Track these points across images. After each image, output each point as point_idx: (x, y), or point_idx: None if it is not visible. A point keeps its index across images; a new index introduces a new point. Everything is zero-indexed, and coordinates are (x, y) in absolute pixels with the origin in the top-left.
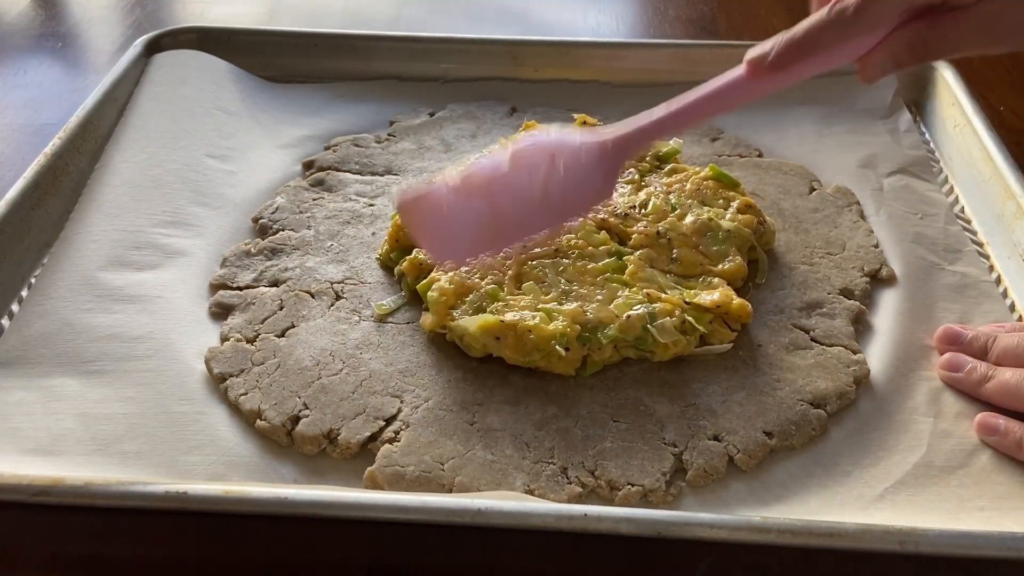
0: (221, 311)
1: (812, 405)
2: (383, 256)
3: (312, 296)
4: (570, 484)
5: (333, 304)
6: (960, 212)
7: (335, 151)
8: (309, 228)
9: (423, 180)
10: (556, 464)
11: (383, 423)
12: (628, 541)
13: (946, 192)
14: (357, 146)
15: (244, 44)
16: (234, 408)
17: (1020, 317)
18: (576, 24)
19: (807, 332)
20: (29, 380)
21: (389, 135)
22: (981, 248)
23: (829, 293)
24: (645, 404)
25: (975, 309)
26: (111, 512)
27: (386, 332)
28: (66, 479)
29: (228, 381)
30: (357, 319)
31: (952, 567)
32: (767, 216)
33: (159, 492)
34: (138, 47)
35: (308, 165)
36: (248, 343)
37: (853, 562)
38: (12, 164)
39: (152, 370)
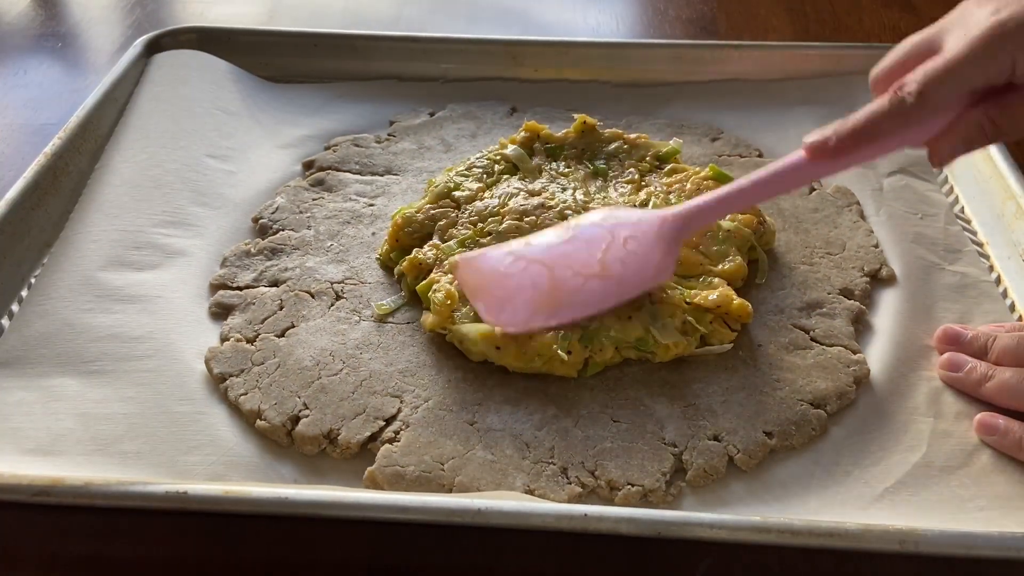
0: (221, 311)
1: (812, 405)
2: (383, 256)
3: (312, 296)
4: (570, 484)
5: (333, 304)
6: (960, 212)
7: (335, 151)
8: (309, 228)
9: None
10: (556, 464)
11: (383, 423)
12: (628, 541)
13: (946, 192)
14: (357, 146)
15: (244, 44)
16: (234, 408)
17: (1020, 317)
18: (576, 24)
19: (807, 332)
20: (29, 380)
21: (389, 135)
22: (981, 248)
23: (829, 293)
24: (645, 404)
25: (975, 309)
26: (111, 512)
27: (386, 332)
28: (66, 479)
29: (228, 381)
30: (357, 319)
31: (952, 567)
32: (767, 216)
33: (159, 492)
34: (138, 47)
35: (308, 165)
36: (248, 343)
37: (853, 562)
38: (12, 164)
39: (152, 370)
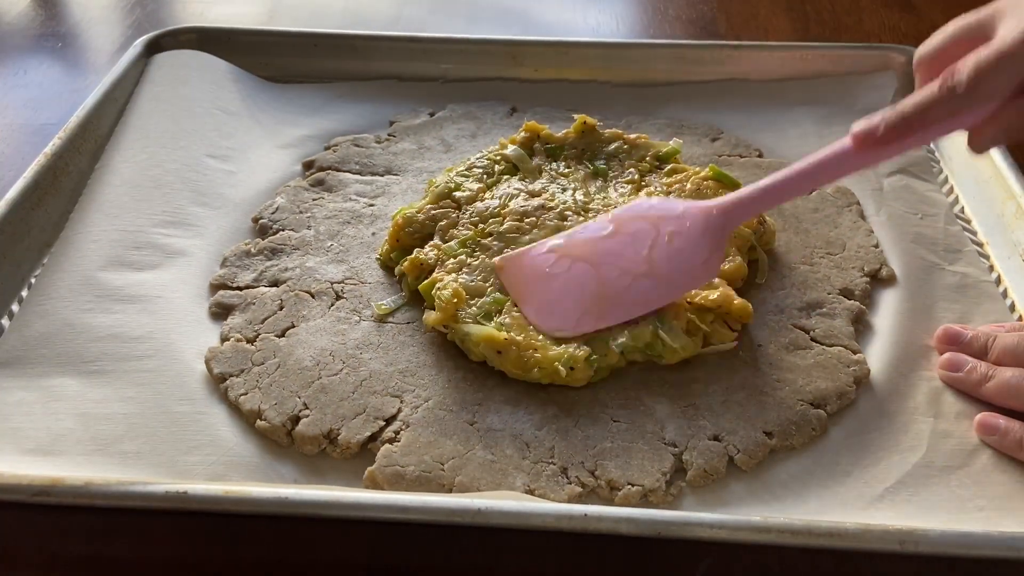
0: (221, 311)
1: (812, 405)
2: (383, 256)
3: (312, 296)
4: (570, 484)
5: (333, 304)
6: (960, 212)
7: (335, 151)
8: (309, 228)
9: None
10: (556, 464)
11: (383, 423)
12: (628, 541)
13: (946, 192)
14: (357, 146)
15: (244, 44)
16: (234, 408)
17: (1020, 317)
18: (576, 24)
19: (807, 332)
20: (29, 380)
21: (389, 135)
22: (981, 248)
23: (829, 293)
24: (645, 404)
25: (975, 309)
26: (111, 512)
27: (386, 332)
28: (66, 479)
29: (228, 381)
30: (357, 319)
31: (952, 567)
32: (767, 216)
33: (159, 492)
34: (138, 47)
35: (308, 165)
36: (248, 343)
37: (853, 562)
38: (12, 164)
39: (152, 370)
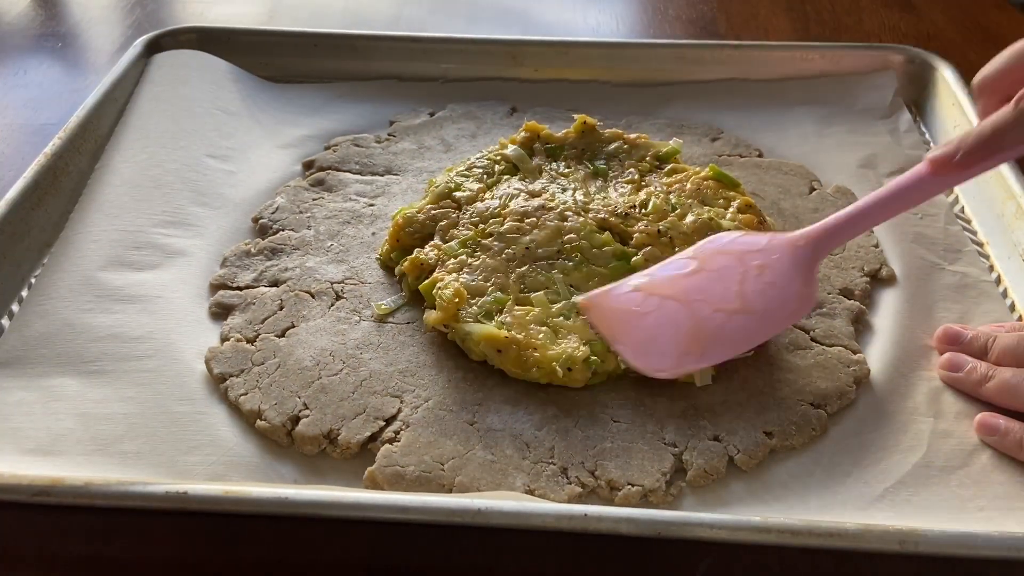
0: (221, 311)
1: (812, 405)
2: (383, 256)
3: (312, 296)
4: (570, 484)
5: (333, 304)
6: (960, 212)
7: (335, 151)
8: (309, 228)
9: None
10: (556, 464)
11: (383, 423)
12: (628, 541)
13: (946, 192)
14: (357, 146)
15: (244, 44)
16: (234, 408)
17: (1020, 317)
18: (576, 24)
19: (807, 332)
20: (29, 380)
21: (389, 135)
22: (981, 248)
23: (829, 293)
24: (645, 404)
25: (975, 309)
26: (111, 512)
27: (386, 332)
28: (66, 479)
29: (228, 381)
30: (357, 319)
31: (952, 567)
32: (767, 216)
33: (159, 492)
34: (138, 47)
35: (308, 165)
36: (248, 343)
37: (853, 562)
38: (12, 164)
39: (152, 370)
